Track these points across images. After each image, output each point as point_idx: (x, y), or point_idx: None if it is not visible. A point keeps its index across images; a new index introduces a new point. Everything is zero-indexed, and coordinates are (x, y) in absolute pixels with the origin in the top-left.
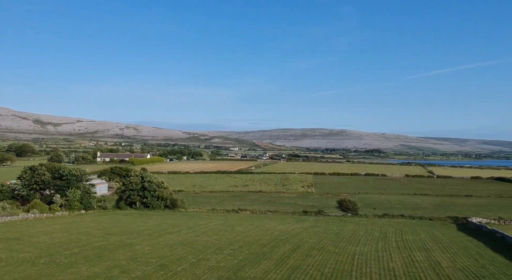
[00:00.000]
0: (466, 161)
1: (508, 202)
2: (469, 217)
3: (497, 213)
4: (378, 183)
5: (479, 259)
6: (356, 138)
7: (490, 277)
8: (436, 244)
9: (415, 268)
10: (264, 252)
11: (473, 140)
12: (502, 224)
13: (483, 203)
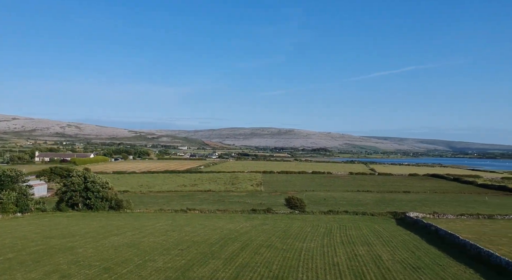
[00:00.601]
0: (404, 158)
1: (442, 197)
2: (407, 212)
3: (432, 208)
4: (324, 181)
5: (415, 251)
6: (303, 137)
7: (425, 268)
8: (377, 238)
9: (358, 262)
10: (213, 251)
11: (411, 139)
12: (436, 217)
13: (419, 198)
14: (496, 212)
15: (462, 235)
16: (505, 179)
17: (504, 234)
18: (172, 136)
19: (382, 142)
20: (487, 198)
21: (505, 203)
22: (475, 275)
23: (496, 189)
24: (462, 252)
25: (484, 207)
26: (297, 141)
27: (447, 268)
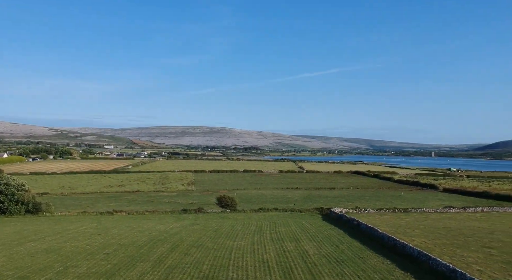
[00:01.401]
0: (330, 156)
1: (363, 193)
2: (332, 208)
3: (354, 203)
4: (255, 179)
5: (339, 245)
6: (235, 136)
7: (347, 261)
8: (305, 234)
9: (286, 258)
10: (141, 254)
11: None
12: (358, 212)
13: (343, 194)
14: (410, 206)
15: (380, 228)
16: (418, 175)
17: (417, 226)
18: (98, 134)
19: (310, 141)
20: (402, 193)
21: (418, 197)
22: (392, 265)
23: (410, 184)
24: (381, 244)
25: (400, 201)
26: (229, 139)
27: (367, 260)
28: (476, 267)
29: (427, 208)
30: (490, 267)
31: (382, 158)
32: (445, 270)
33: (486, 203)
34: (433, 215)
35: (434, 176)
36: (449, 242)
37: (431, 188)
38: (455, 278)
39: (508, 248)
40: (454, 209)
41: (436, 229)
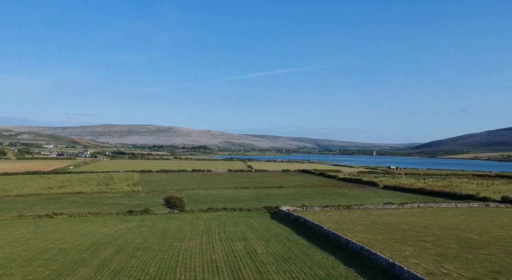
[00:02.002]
0: (278, 155)
1: (310, 191)
2: (280, 206)
3: (301, 201)
4: (204, 178)
5: (287, 243)
6: (184, 135)
7: (294, 258)
8: (253, 233)
9: (235, 257)
10: (83, 258)
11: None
12: (305, 210)
13: (291, 192)
14: (353, 203)
15: (326, 225)
16: (360, 173)
17: (359, 222)
18: (35, 133)
19: (259, 140)
20: (346, 191)
21: (361, 194)
22: (336, 261)
23: (354, 182)
24: (326, 240)
25: (344, 199)
26: (177, 138)
27: (313, 257)
28: (412, 260)
29: (369, 204)
30: (425, 260)
31: (328, 156)
32: (385, 264)
33: (422, 199)
34: (374, 211)
35: (375, 173)
36: (388, 237)
37: (373, 185)
38: (394, 271)
39: (441, 241)
40: (393, 205)
41: (377, 224)
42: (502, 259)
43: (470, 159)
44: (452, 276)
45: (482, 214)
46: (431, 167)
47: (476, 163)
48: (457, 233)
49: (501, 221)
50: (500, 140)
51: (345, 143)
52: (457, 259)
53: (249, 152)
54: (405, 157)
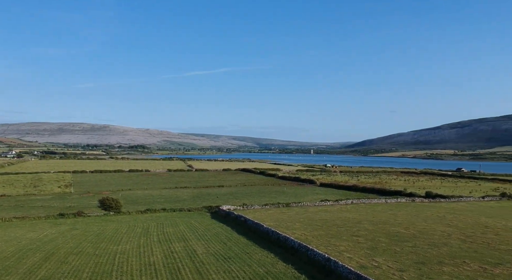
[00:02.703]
0: (219, 154)
1: (250, 189)
2: (221, 205)
3: (242, 200)
4: (142, 179)
5: (227, 242)
6: (120, 134)
7: (235, 257)
8: (193, 233)
9: (174, 259)
10: (7, 266)
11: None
12: (245, 209)
13: (231, 191)
14: (292, 200)
15: (266, 223)
16: (298, 171)
17: (298, 219)
18: None
19: (200, 139)
20: (285, 189)
21: (299, 192)
22: (275, 258)
23: (292, 180)
24: (266, 238)
25: (283, 197)
26: (112, 137)
27: (253, 255)
28: (346, 255)
29: (307, 202)
30: (358, 254)
31: (268, 155)
32: (321, 259)
33: (355, 195)
34: (312, 208)
35: (313, 171)
36: (325, 233)
37: (310, 183)
38: (329, 266)
39: (372, 236)
40: (329, 202)
41: (314, 221)
42: (425, 250)
43: (398, 157)
44: (382, 269)
45: (408, 209)
46: (364, 164)
47: (403, 160)
48: (387, 227)
49: (425, 215)
50: (424, 139)
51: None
52: (387, 252)
53: (189, 151)
54: (340, 155)
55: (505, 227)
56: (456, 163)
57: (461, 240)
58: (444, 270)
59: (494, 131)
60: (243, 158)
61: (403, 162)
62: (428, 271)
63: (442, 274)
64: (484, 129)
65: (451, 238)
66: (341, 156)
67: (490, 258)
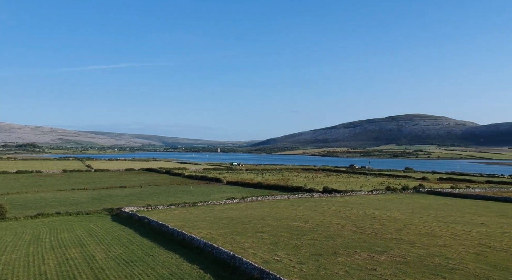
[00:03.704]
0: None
1: (155, 190)
2: (123, 207)
3: (146, 201)
4: (33, 181)
5: (129, 245)
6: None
7: (137, 261)
8: (92, 237)
9: (70, 266)
10: None
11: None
12: (150, 210)
13: (135, 192)
14: (198, 200)
15: (171, 223)
16: (205, 169)
17: (204, 218)
18: None
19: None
20: (192, 188)
21: (205, 190)
22: (180, 259)
23: (199, 179)
24: (171, 239)
25: (190, 196)
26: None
27: (157, 257)
28: (251, 251)
29: (213, 200)
30: (261, 249)
31: (174, 154)
32: (227, 257)
33: (260, 192)
34: (218, 207)
35: (220, 170)
36: (230, 230)
37: (217, 182)
38: (234, 263)
39: (275, 231)
40: (235, 200)
41: (220, 219)
42: (322, 243)
43: (299, 154)
44: (283, 262)
45: (308, 204)
46: (268, 162)
47: (304, 158)
48: (288, 222)
49: (322, 209)
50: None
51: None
52: (288, 246)
53: (88, 150)
54: (246, 153)
55: (389, 218)
56: (349, 160)
57: (353, 231)
58: (338, 260)
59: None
60: (147, 157)
61: (303, 159)
62: (325, 262)
63: (337, 264)
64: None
65: (344, 229)
66: (247, 154)
67: (377, 246)
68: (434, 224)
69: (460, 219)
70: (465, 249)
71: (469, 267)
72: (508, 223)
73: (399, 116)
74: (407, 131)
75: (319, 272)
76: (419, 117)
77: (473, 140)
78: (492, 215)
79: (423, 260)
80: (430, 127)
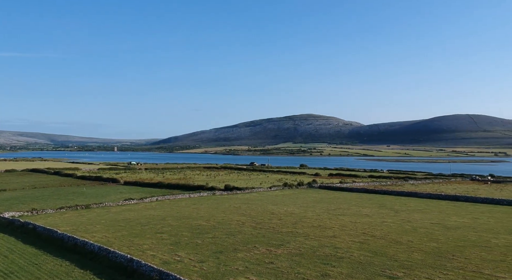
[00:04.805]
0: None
1: (42, 192)
2: (2, 213)
3: (30, 205)
4: None
5: (9, 255)
6: None
7: (19, 271)
8: None
9: None
10: None
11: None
12: (35, 214)
13: (17, 196)
14: (93, 202)
15: (60, 228)
16: (101, 169)
17: (99, 221)
18: None
19: None
20: (85, 189)
21: (100, 192)
22: (71, 266)
23: (93, 180)
24: (61, 246)
25: (82, 198)
26: None
27: (43, 266)
28: (150, 253)
29: (109, 202)
30: (161, 250)
31: (65, 153)
32: (123, 260)
33: (160, 192)
34: (115, 208)
35: (116, 170)
36: (128, 233)
37: (113, 182)
38: (132, 266)
39: (175, 231)
40: (133, 201)
41: (117, 221)
42: (223, 240)
43: (201, 153)
44: (184, 262)
45: (210, 202)
46: (169, 161)
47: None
48: (190, 222)
49: (224, 206)
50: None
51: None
52: (189, 246)
53: None
54: (146, 152)
55: (286, 212)
56: (250, 158)
57: (252, 227)
58: (238, 256)
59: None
60: (33, 157)
61: (206, 157)
62: (225, 259)
63: (237, 260)
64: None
65: (244, 226)
66: (146, 152)
67: (275, 240)
68: (325, 216)
69: (347, 211)
70: (351, 239)
71: (354, 255)
72: (386, 213)
73: (295, 116)
74: (302, 130)
75: (220, 269)
76: (313, 117)
77: (358, 138)
78: (374, 206)
79: (315, 251)
80: (322, 126)
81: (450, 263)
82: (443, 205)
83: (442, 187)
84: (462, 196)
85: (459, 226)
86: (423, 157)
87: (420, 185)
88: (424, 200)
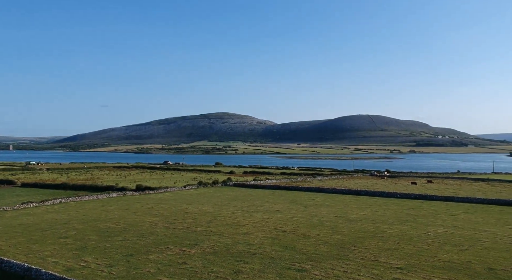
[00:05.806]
0: None
1: None
2: None
3: None
4: None
5: None
6: None
7: None
8: None
9: None
10: None
11: None
12: None
13: None
14: None
15: None
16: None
17: None
18: None
19: None
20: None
21: None
22: None
23: None
24: None
25: None
26: None
27: None
28: (51, 260)
29: (3, 206)
30: (65, 256)
31: None
32: (19, 270)
33: (64, 194)
34: (10, 213)
35: (13, 170)
36: (26, 239)
37: (9, 184)
38: (31, 276)
39: (81, 235)
40: (33, 204)
41: (13, 227)
42: (134, 242)
43: (111, 151)
44: (90, 268)
45: (120, 203)
46: (75, 160)
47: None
48: (98, 224)
49: (135, 207)
50: (136, 134)
51: None
52: (96, 250)
53: None
54: (47, 151)
55: (201, 211)
56: (164, 156)
57: (165, 227)
58: (150, 258)
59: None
60: None
61: (115, 156)
62: (136, 261)
63: (148, 262)
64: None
65: (157, 227)
66: (49, 151)
67: (189, 240)
68: (239, 214)
69: (261, 208)
70: (263, 235)
71: (266, 251)
72: (296, 209)
73: (210, 114)
74: (217, 128)
75: (130, 273)
76: (228, 116)
77: (271, 136)
78: (285, 202)
79: (229, 248)
80: (237, 125)
81: (352, 254)
82: (346, 199)
83: (345, 182)
84: (362, 190)
85: (360, 219)
86: (329, 154)
87: (327, 180)
88: (330, 195)
